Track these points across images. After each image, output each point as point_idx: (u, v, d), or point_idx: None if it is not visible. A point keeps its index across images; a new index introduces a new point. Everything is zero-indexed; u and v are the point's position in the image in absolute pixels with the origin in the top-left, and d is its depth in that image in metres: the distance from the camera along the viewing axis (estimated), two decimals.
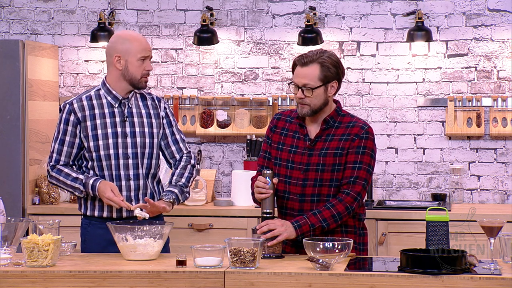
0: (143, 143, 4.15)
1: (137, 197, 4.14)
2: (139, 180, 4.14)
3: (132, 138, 4.13)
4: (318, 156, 3.95)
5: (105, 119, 4.12)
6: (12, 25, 6.33)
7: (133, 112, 4.16)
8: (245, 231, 5.43)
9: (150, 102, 4.22)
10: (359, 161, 3.91)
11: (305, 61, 3.90)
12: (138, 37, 4.13)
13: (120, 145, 4.12)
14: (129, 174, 4.13)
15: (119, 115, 4.14)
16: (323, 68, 3.89)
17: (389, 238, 5.43)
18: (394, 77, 6.10)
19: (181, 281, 3.52)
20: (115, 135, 4.12)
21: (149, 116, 4.19)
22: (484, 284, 3.40)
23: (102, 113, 4.13)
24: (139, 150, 4.14)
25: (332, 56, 3.93)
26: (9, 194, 5.50)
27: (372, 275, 3.47)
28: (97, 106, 4.13)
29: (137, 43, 4.10)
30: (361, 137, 3.93)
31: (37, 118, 5.89)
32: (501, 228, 3.65)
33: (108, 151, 4.11)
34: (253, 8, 6.19)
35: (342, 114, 4.01)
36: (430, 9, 6.03)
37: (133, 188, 4.14)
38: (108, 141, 4.11)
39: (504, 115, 5.95)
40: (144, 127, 4.16)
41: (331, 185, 3.93)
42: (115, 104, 4.14)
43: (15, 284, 3.53)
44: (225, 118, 6.16)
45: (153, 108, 4.21)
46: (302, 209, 3.95)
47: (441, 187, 6.06)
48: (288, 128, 4.06)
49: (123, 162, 4.12)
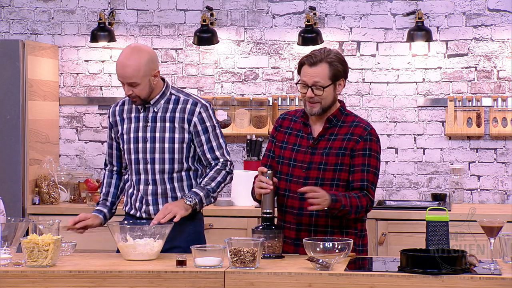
0: (161, 148, 4.14)
1: (156, 201, 4.17)
2: (157, 185, 4.15)
3: (151, 143, 4.14)
4: (320, 155, 3.96)
5: (131, 124, 4.18)
6: (12, 25, 6.33)
7: (157, 116, 4.15)
8: (245, 231, 5.43)
9: (182, 105, 4.16)
10: (367, 164, 3.93)
11: (314, 61, 3.93)
12: (119, 63, 4.06)
13: (141, 150, 4.15)
14: (148, 179, 4.15)
15: (143, 120, 4.16)
16: (332, 67, 3.93)
17: (389, 238, 5.43)
18: (394, 77, 6.10)
19: (181, 281, 3.52)
20: (136, 140, 4.16)
21: (173, 121, 4.15)
22: (484, 284, 3.40)
23: (129, 117, 4.19)
24: (158, 156, 4.14)
25: (338, 54, 4.00)
26: (9, 194, 5.49)
27: (372, 275, 3.47)
28: (127, 111, 4.20)
29: (115, 67, 4.10)
30: (365, 138, 3.95)
31: (37, 118, 5.89)
32: (501, 228, 3.65)
33: (130, 156, 4.17)
34: (253, 8, 6.19)
35: (346, 113, 4.04)
36: (430, 9, 6.03)
37: (151, 192, 4.15)
38: (130, 146, 4.17)
39: (504, 115, 5.95)
40: (165, 132, 4.14)
41: (332, 185, 3.94)
42: (141, 108, 4.17)
43: (15, 284, 3.53)
44: (225, 118, 6.16)
45: (181, 112, 4.15)
46: (302, 207, 3.95)
47: (441, 187, 6.06)
48: (292, 127, 4.08)
49: (143, 167, 4.15)
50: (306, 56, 3.98)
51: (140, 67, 4.02)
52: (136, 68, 4.02)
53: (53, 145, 6.17)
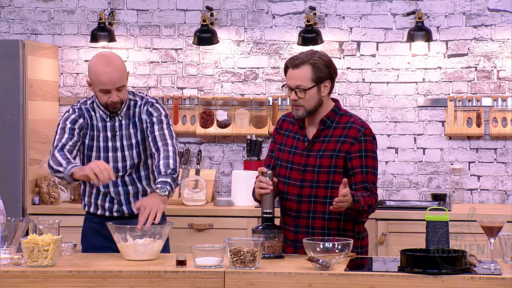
0: (130, 155, 4.19)
1: (128, 201, 4.21)
2: (127, 186, 4.20)
3: (121, 151, 4.17)
4: (315, 158, 3.96)
5: (99, 132, 4.17)
6: (12, 25, 6.33)
7: (122, 124, 4.18)
8: (245, 231, 5.43)
9: (138, 109, 4.20)
10: (365, 165, 3.92)
11: (296, 63, 3.91)
12: (102, 72, 4.02)
13: (111, 159, 4.17)
14: (117, 182, 4.18)
15: (110, 129, 4.18)
16: (315, 69, 3.89)
17: (389, 238, 5.43)
18: (394, 77, 6.10)
19: (181, 281, 3.52)
20: (106, 149, 4.17)
21: (135, 126, 4.19)
22: (484, 284, 3.40)
23: (96, 125, 4.17)
24: (129, 162, 4.18)
25: (324, 56, 3.94)
26: (9, 194, 5.49)
27: (372, 275, 3.47)
28: (94, 118, 4.18)
29: (97, 76, 4.03)
30: (359, 140, 3.93)
31: (37, 118, 5.89)
32: (501, 228, 3.65)
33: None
34: (253, 8, 6.19)
35: (341, 113, 4.01)
36: (430, 9, 6.03)
37: (123, 193, 4.20)
38: (100, 154, 4.17)
39: (504, 115, 5.95)
40: (132, 138, 4.18)
41: (327, 187, 3.93)
42: (106, 118, 4.18)
43: (15, 284, 3.53)
44: (225, 118, 6.16)
45: (138, 114, 4.20)
46: (300, 209, 3.95)
47: (441, 187, 6.06)
48: (290, 129, 4.09)
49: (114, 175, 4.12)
50: (290, 58, 3.97)
51: (123, 68, 4.08)
52: (121, 70, 4.05)
53: None
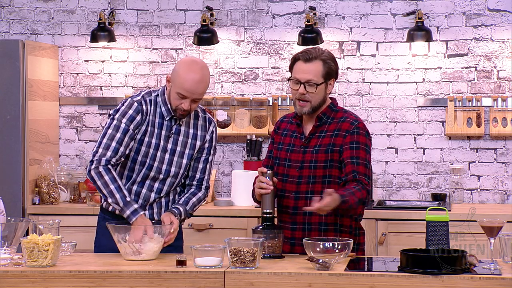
0: (179, 163, 4.12)
1: (151, 207, 4.15)
2: (160, 195, 4.13)
3: (170, 155, 4.11)
4: (311, 153, 3.98)
5: (154, 128, 4.08)
6: (12, 25, 6.33)
7: (181, 130, 4.11)
8: (245, 231, 5.43)
9: (201, 122, 4.16)
10: (355, 156, 3.91)
11: (309, 57, 3.94)
12: (191, 80, 3.94)
13: (158, 158, 4.09)
14: (153, 185, 4.12)
15: (166, 129, 4.09)
16: (326, 65, 3.95)
17: (389, 238, 5.43)
18: (394, 77, 6.10)
19: (181, 281, 3.52)
20: (156, 147, 4.09)
21: (195, 138, 4.14)
22: (484, 284, 3.40)
23: (153, 121, 4.07)
24: (174, 169, 4.11)
25: (330, 54, 4.02)
26: (9, 194, 5.48)
27: (372, 275, 3.48)
28: (153, 113, 4.08)
29: (182, 80, 3.96)
30: (351, 132, 3.94)
31: (37, 118, 5.89)
32: (501, 228, 3.65)
33: (145, 159, 4.08)
34: (253, 8, 6.19)
35: (336, 109, 4.05)
36: (430, 9, 6.03)
37: (153, 200, 4.13)
38: (149, 150, 4.08)
39: (504, 115, 5.95)
40: (186, 147, 4.13)
41: (324, 182, 3.94)
42: (166, 116, 4.09)
43: (15, 284, 3.53)
44: (225, 118, 6.16)
45: (202, 130, 4.16)
46: (297, 206, 3.96)
47: (441, 187, 6.06)
48: (288, 129, 4.11)
49: (154, 174, 4.10)
50: (301, 52, 3.98)
51: (208, 82, 4.02)
52: (206, 84, 4.00)
53: (53, 145, 6.17)
